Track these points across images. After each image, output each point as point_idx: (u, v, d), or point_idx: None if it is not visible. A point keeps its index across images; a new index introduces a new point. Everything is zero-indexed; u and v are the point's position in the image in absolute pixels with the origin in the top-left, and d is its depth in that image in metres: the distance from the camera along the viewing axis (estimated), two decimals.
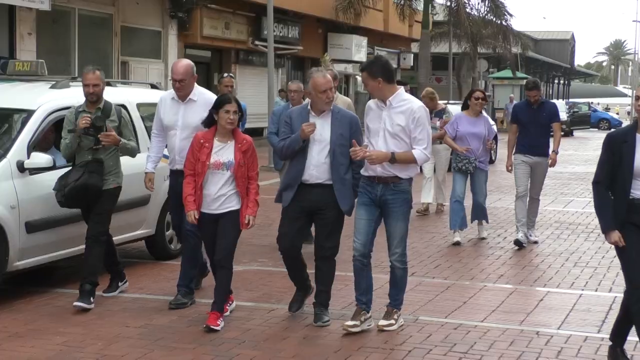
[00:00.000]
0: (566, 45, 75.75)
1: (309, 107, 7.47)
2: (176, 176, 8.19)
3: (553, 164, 11.57)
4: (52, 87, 9.30)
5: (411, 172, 7.19)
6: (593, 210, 16.72)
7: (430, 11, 35.93)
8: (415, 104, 7.10)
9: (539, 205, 11.86)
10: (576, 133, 49.03)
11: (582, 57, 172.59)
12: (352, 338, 7.29)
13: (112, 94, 9.68)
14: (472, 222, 12.18)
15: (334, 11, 33.06)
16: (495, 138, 23.70)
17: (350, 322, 7.22)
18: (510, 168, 11.61)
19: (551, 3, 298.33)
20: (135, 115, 9.95)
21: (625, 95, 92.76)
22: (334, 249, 7.54)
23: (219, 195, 7.33)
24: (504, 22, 37.27)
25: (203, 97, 8.22)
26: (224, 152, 7.25)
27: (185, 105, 8.17)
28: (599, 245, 11.80)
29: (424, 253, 11.27)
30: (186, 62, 8.35)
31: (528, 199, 11.43)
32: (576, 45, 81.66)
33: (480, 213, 12.00)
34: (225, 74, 12.12)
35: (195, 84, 8.34)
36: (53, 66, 15.97)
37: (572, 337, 7.39)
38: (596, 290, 9.27)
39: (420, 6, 35.99)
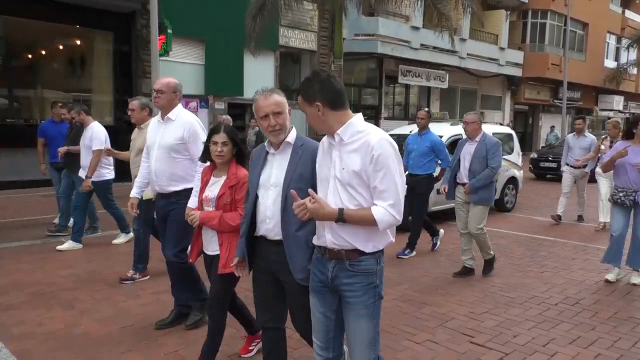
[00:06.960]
0: None
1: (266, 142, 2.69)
2: (157, 197, 4.25)
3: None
4: (451, 124, 9.38)
5: (379, 241, 2.20)
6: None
7: None
8: (374, 136, 2.10)
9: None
10: None
11: None
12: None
13: None
14: (627, 265, 5.56)
15: (602, 81, 30.28)
16: None
17: None
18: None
19: None
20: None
21: None
22: (303, 328, 2.68)
23: (210, 234, 3.25)
24: None
25: (181, 117, 4.09)
26: (215, 187, 3.24)
27: (165, 124, 4.10)
28: None
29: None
30: (170, 78, 4.17)
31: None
32: None
33: (635, 256, 5.44)
34: (425, 109, 6.76)
35: (180, 106, 4.16)
36: (450, 114, 17.25)
37: None
38: None
39: None
